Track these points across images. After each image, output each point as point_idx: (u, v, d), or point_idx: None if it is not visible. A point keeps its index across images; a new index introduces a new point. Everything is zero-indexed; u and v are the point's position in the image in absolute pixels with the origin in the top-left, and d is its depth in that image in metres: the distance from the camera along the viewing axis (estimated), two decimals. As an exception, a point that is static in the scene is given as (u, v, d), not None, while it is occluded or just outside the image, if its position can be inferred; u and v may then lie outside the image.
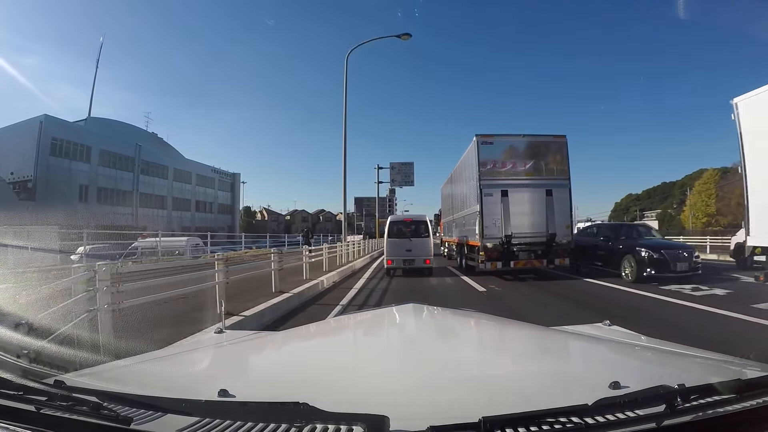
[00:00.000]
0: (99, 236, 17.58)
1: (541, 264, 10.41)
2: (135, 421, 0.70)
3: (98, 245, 15.63)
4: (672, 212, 56.08)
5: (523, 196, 10.22)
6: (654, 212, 60.14)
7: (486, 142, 10.44)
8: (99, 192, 35.57)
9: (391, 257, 11.80)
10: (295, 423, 0.68)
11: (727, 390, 0.74)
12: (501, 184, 10.20)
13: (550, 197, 10.20)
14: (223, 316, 2.05)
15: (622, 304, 6.96)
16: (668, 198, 72.08)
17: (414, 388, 0.90)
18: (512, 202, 10.10)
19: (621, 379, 0.82)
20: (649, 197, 77.92)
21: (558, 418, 0.66)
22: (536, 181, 10.36)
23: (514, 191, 10.17)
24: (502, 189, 10.12)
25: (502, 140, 10.67)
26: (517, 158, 10.55)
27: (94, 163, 35.24)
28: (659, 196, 75.51)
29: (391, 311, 1.95)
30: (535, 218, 10.17)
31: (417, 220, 12.39)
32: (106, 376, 1.12)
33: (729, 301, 6.67)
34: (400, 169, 35.18)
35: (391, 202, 69.69)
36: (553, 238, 10.07)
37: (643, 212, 71.82)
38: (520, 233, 10.03)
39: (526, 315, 5.54)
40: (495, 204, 10.08)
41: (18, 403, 0.74)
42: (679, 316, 5.73)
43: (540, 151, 10.63)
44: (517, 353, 1.33)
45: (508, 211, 10.02)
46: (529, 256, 10.22)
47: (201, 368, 1.30)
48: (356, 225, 76.42)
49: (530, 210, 10.21)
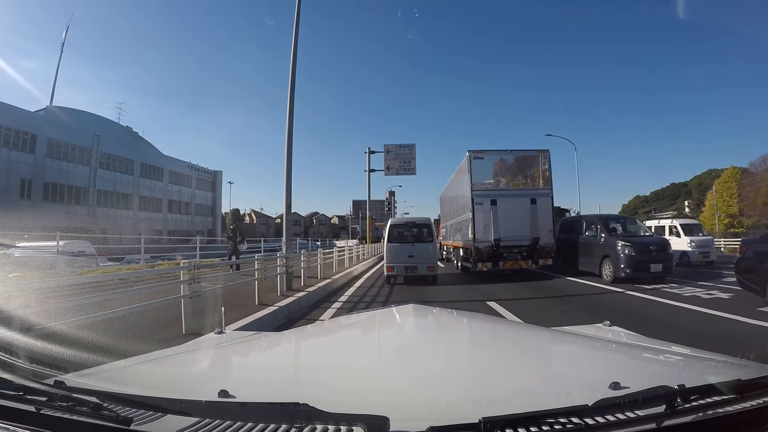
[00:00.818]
0: (39, 238, 13.73)
1: (527, 264, 11.58)
2: (135, 421, 0.70)
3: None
4: (689, 213, 53.83)
5: (510, 205, 11.52)
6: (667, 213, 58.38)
7: (477, 156, 11.87)
8: (46, 188, 30.13)
9: (391, 264, 10.64)
10: (295, 423, 0.68)
11: (727, 390, 0.74)
12: (490, 194, 11.60)
13: (534, 205, 11.54)
14: (223, 318, 2.05)
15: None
16: (678, 198, 70.38)
17: (414, 388, 0.90)
18: (500, 209, 11.42)
19: (621, 379, 0.82)
20: (658, 198, 75.53)
21: (558, 418, 0.66)
22: (522, 191, 11.82)
23: (502, 200, 11.53)
24: (492, 198, 11.52)
25: (492, 155, 12.14)
26: (505, 171, 12.14)
27: (40, 154, 29.61)
28: (669, 197, 73.65)
29: (392, 311, 1.95)
30: (521, 224, 11.42)
31: (420, 223, 11.24)
32: (106, 377, 1.12)
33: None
34: (398, 153, 26.77)
35: (390, 205, 67.04)
36: (537, 241, 11.38)
37: (655, 213, 68.69)
38: (508, 237, 11.32)
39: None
40: (485, 211, 11.42)
41: (18, 403, 0.74)
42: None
43: (525, 164, 12.18)
44: (518, 354, 1.33)
45: (497, 217, 11.36)
46: (515, 257, 11.46)
47: (201, 369, 1.30)
48: (351, 228, 74.64)
49: (516, 216, 11.45)
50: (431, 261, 10.61)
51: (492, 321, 2.14)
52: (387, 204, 63.07)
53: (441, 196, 19.81)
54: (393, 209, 62.84)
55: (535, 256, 11.45)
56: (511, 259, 11.43)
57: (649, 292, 8.23)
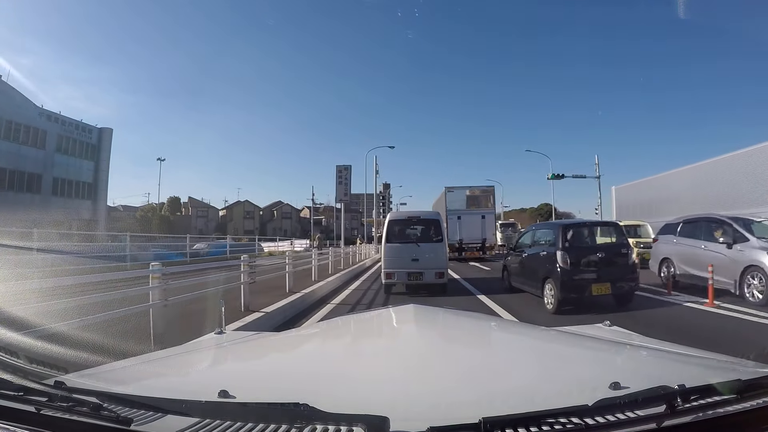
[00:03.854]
0: None
1: (480, 254, 19.63)
2: (135, 421, 0.70)
3: None
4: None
5: (469, 219, 19.94)
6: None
7: (450, 190, 20.85)
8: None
9: (390, 269, 8.66)
10: (295, 424, 0.68)
11: (727, 390, 0.74)
12: (457, 212, 20.18)
13: (483, 219, 20.11)
14: (223, 317, 2.06)
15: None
16: None
17: (414, 388, 0.90)
18: (463, 222, 19.78)
19: (621, 379, 0.82)
20: None
21: (558, 418, 0.66)
22: (476, 211, 20.38)
23: (464, 216, 20.07)
24: (458, 215, 20.06)
25: (459, 189, 21.05)
26: (467, 198, 21.00)
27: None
28: None
29: (392, 312, 1.95)
30: (476, 230, 19.73)
31: (426, 218, 9.28)
32: (106, 377, 1.12)
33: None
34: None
35: (384, 199, 56.64)
36: (485, 241, 19.89)
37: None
38: (467, 238, 19.58)
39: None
40: (454, 223, 19.65)
41: (18, 403, 0.74)
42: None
43: (479, 195, 21.23)
44: (518, 354, 1.33)
45: (461, 227, 19.74)
46: (472, 250, 19.66)
47: (201, 369, 1.30)
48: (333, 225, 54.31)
49: (472, 227, 19.76)
50: (441, 266, 8.62)
51: (492, 321, 2.14)
52: (381, 198, 56.61)
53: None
54: (388, 205, 57.13)
55: (485, 249, 19.83)
56: (469, 251, 19.57)
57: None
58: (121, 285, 5.00)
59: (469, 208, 20.33)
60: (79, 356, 2.21)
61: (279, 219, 64.33)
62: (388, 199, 58.85)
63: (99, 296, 3.97)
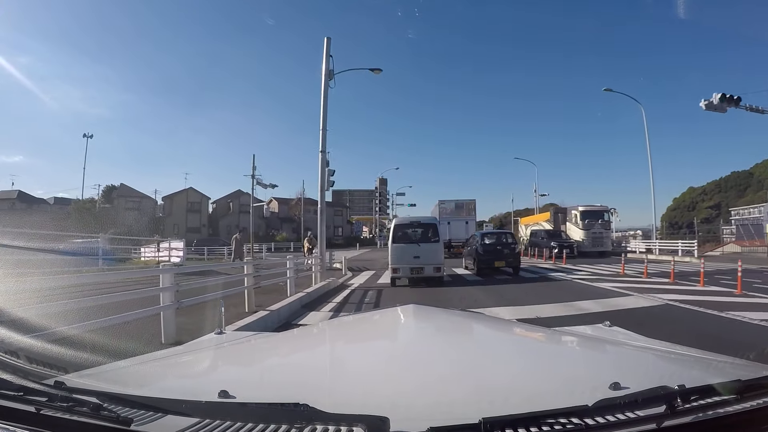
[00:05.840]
0: None
1: (462, 249, 20.53)
2: (135, 421, 0.70)
3: None
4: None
5: (455, 224, 25.32)
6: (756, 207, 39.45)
7: (442, 202, 27.38)
8: None
9: (396, 265, 10.50)
10: (295, 424, 0.68)
11: (727, 391, 0.74)
12: (447, 219, 24.77)
13: (467, 224, 25.75)
14: (223, 317, 2.05)
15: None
16: (747, 189, 55.91)
17: (414, 389, 0.90)
18: (451, 226, 24.56)
19: (621, 379, 0.82)
20: (720, 190, 60.20)
21: (558, 419, 0.66)
22: (461, 218, 26.14)
23: (452, 222, 25.19)
24: (447, 221, 24.00)
25: (449, 201, 27.24)
26: (454, 208, 26.82)
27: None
28: (734, 188, 58.31)
29: (392, 312, 1.95)
30: (460, 232, 24.53)
31: (426, 222, 11.53)
32: (106, 377, 1.12)
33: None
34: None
35: (381, 196, 50.33)
36: (467, 240, 20.17)
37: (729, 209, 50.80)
38: (454, 238, 24.31)
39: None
40: (445, 227, 20.39)
41: (18, 403, 0.74)
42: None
43: (463, 205, 26.89)
44: (518, 354, 1.33)
45: (450, 230, 24.06)
46: (458, 247, 22.98)
47: (201, 369, 1.30)
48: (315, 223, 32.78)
49: (458, 229, 24.93)
50: (438, 261, 10.58)
51: (492, 321, 2.14)
52: (377, 195, 51.31)
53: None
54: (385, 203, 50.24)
55: (466, 245, 21.69)
56: (456, 247, 23.41)
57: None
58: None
59: (456, 216, 26.33)
60: (79, 356, 2.21)
61: (238, 213, 48.98)
62: (386, 197, 51.86)
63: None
